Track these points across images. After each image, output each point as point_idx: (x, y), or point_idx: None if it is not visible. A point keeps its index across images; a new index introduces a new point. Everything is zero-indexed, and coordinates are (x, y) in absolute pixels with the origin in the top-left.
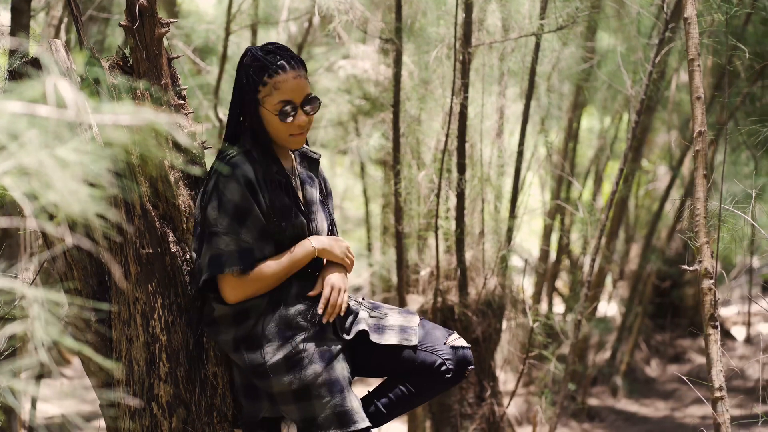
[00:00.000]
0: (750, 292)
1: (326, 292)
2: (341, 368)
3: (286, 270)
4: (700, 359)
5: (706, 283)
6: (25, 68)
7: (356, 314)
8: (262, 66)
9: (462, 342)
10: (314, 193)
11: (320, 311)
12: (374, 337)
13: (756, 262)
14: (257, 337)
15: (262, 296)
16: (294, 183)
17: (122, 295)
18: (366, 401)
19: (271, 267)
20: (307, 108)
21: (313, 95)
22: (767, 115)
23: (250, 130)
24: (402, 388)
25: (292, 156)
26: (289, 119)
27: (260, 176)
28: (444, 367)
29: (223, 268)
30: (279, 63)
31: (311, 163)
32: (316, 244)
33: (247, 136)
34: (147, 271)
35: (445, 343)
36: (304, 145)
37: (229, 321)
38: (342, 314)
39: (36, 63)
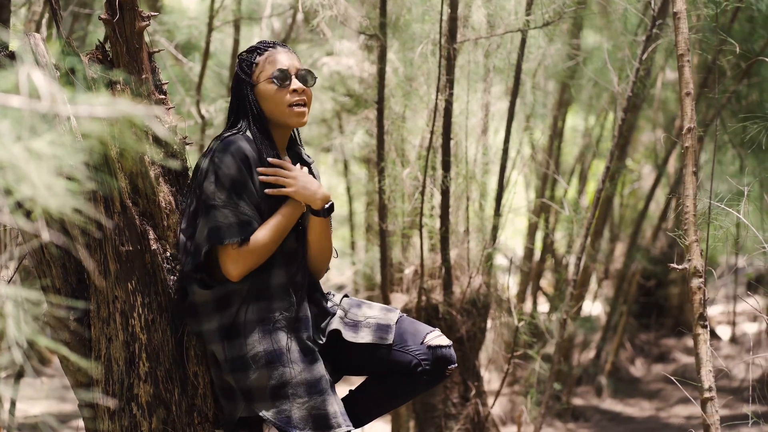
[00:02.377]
0: (735, 291)
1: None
2: (323, 369)
3: (280, 230)
4: (685, 359)
5: (695, 282)
6: (3, 61)
7: (331, 316)
8: (252, 50)
9: (441, 340)
10: None
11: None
12: (349, 336)
13: (741, 261)
14: (239, 327)
15: (244, 282)
16: None
17: (101, 293)
18: (347, 401)
19: (263, 232)
20: (302, 74)
21: (308, 70)
22: (753, 113)
23: (247, 120)
24: (382, 387)
25: (288, 158)
26: (286, 83)
27: (257, 155)
28: (420, 368)
29: (223, 239)
30: (269, 43)
31: (303, 166)
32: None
33: (244, 125)
34: (126, 268)
35: (422, 342)
36: (301, 149)
37: (211, 308)
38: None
39: (14, 56)
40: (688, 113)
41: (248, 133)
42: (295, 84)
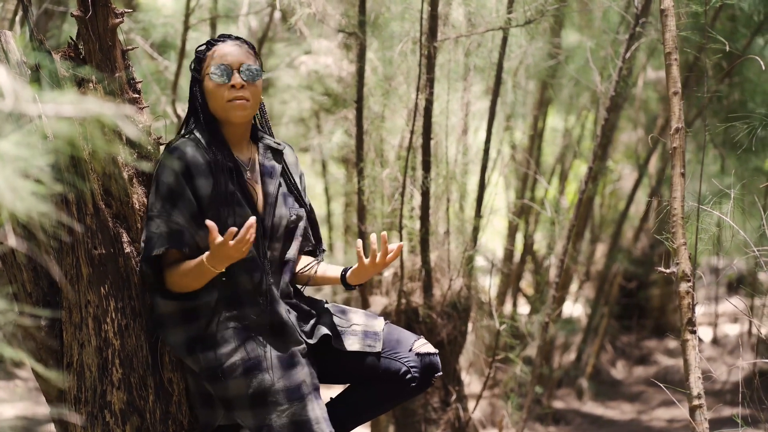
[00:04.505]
0: (717, 293)
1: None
2: (304, 374)
3: (192, 279)
4: (666, 361)
5: (684, 287)
6: None
7: (319, 317)
8: (205, 44)
9: (428, 348)
10: (274, 187)
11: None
12: (336, 343)
13: (723, 263)
14: (212, 337)
15: (210, 294)
16: (247, 174)
17: (73, 297)
18: (329, 408)
19: (179, 270)
20: (245, 69)
21: (253, 66)
22: (734, 113)
23: (195, 116)
24: (366, 395)
25: (255, 147)
26: (222, 79)
27: (203, 160)
28: (409, 375)
29: (152, 250)
30: (221, 37)
31: (275, 154)
32: (207, 260)
33: (194, 124)
34: (99, 272)
35: (410, 350)
36: (269, 137)
37: (177, 319)
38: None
39: None
40: (676, 113)
41: (197, 134)
42: (235, 79)
